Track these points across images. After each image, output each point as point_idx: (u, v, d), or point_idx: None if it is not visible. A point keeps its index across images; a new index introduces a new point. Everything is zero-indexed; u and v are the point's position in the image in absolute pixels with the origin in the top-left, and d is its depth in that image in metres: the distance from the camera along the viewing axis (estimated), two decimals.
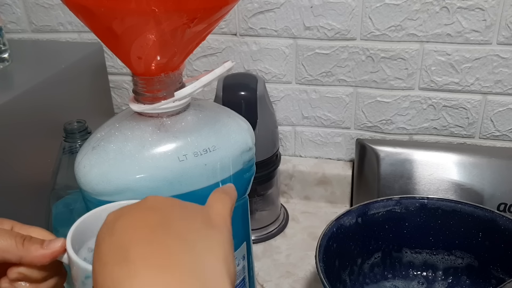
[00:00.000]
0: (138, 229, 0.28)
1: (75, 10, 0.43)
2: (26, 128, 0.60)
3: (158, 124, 0.46)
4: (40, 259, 0.36)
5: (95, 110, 0.77)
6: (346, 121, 0.83)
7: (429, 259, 0.65)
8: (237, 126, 0.49)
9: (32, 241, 0.36)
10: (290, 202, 0.85)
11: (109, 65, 0.85)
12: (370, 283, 0.64)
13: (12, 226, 0.38)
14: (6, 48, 0.67)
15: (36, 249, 0.36)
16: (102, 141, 0.45)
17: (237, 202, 0.50)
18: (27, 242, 0.36)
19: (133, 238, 0.27)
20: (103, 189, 0.44)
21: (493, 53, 0.74)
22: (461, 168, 0.74)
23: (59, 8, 0.84)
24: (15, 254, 0.35)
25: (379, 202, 0.63)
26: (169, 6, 0.40)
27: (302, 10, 0.76)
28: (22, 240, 0.36)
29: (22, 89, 0.60)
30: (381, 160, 0.76)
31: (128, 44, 0.42)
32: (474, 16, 0.72)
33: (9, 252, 0.35)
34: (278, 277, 0.69)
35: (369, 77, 0.79)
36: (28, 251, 0.35)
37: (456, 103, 0.78)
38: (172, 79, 0.45)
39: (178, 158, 0.44)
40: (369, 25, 0.75)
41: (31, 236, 0.37)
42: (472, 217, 0.62)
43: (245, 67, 0.82)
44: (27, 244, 0.36)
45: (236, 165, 0.48)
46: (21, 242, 0.36)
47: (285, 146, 0.87)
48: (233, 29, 0.80)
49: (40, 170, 0.61)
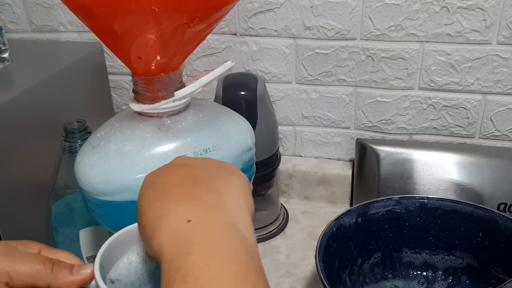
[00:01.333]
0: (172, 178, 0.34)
1: (75, 10, 0.43)
2: (26, 128, 0.60)
3: (158, 124, 0.46)
4: (69, 285, 0.35)
5: (95, 110, 0.77)
6: (346, 121, 0.83)
7: (429, 259, 0.65)
8: (237, 126, 0.49)
9: (61, 266, 0.36)
10: (290, 202, 0.85)
11: (109, 65, 0.85)
12: (370, 283, 0.64)
13: (39, 250, 0.37)
14: (6, 48, 0.67)
15: (66, 275, 0.35)
16: (102, 141, 0.45)
17: None
18: (56, 267, 0.35)
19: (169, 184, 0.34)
20: (103, 189, 0.44)
21: (493, 53, 0.74)
22: (461, 168, 0.74)
23: (59, 8, 0.84)
24: (44, 280, 0.35)
25: (379, 202, 0.63)
26: (169, 6, 0.40)
27: (302, 10, 0.76)
28: (51, 265, 0.35)
29: (22, 89, 0.60)
30: (381, 160, 0.76)
31: (128, 44, 0.42)
32: (474, 16, 0.72)
33: (38, 278, 0.35)
34: (278, 277, 0.69)
35: (369, 77, 0.79)
36: (57, 277, 0.35)
37: (456, 103, 0.78)
38: (172, 79, 0.45)
39: None
40: (369, 25, 0.75)
41: (60, 261, 0.36)
42: (472, 217, 0.62)
43: (245, 67, 0.82)
44: (56, 269, 0.35)
45: (236, 165, 0.48)
46: (50, 267, 0.35)
47: (285, 146, 0.87)
48: (233, 29, 0.80)
49: (40, 170, 0.61)
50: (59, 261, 0.36)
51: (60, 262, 0.36)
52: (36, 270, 0.35)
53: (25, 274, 0.34)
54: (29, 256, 0.35)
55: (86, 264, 0.36)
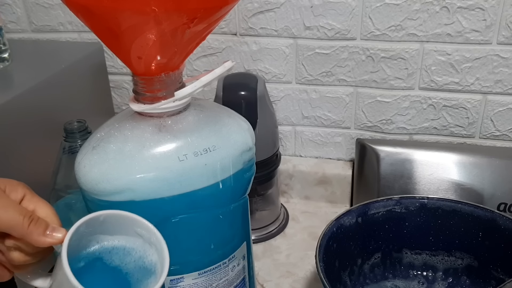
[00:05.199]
0: None
1: (75, 10, 0.43)
2: (26, 128, 0.60)
3: (158, 124, 0.46)
4: (39, 243, 0.38)
5: (95, 110, 0.77)
6: (346, 121, 0.83)
7: (429, 260, 0.65)
8: (237, 126, 0.49)
9: (37, 224, 0.38)
10: (290, 202, 0.85)
11: (109, 65, 0.85)
12: (370, 283, 0.64)
13: (24, 194, 0.40)
14: (6, 48, 0.67)
15: (39, 234, 0.38)
16: (102, 141, 0.45)
17: (237, 202, 0.50)
18: (33, 224, 0.38)
19: None
20: (103, 189, 0.44)
21: (493, 53, 0.74)
22: (461, 168, 0.74)
23: (59, 8, 0.84)
24: (18, 233, 0.37)
25: (379, 202, 0.63)
26: (169, 6, 0.40)
27: (302, 10, 0.76)
28: (29, 221, 0.37)
29: (22, 89, 0.60)
30: (381, 160, 0.76)
31: (128, 44, 0.42)
32: (474, 16, 0.72)
33: (14, 230, 0.37)
34: (278, 277, 0.69)
35: (369, 77, 0.79)
36: (31, 233, 0.37)
37: (456, 103, 0.78)
38: (172, 79, 0.45)
39: (178, 158, 0.44)
40: (369, 25, 0.75)
41: (38, 217, 0.38)
42: (472, 217, 0.62)
43: (245, 67, 0.82)
44: (32, 226, 0.37)
45: (236, 165, 0.48)
46: (27, 223, 0.37)
47: (285, 146, 0.87)
48: (233, 29, 0.80)
49: (40, 170, 0.61)
50: (37, 218, 0.38)
51: (38, 219, 0.38)
52: (15, 222, 0.37)
53: (3, 223, 0.37)
54: (13, 206, 0.38)
55: (60, 228, 0.39)
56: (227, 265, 0.51)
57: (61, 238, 0.38)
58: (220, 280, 0.51)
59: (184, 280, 0.49)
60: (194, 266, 0.49)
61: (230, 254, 0.51)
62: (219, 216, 0.48)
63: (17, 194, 0.39)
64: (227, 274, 0.51)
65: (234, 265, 0.52)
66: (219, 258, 0.50)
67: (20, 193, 0.40)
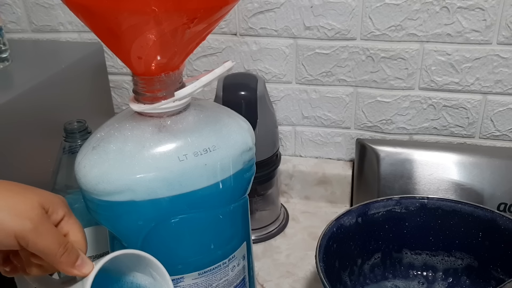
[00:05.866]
0: None
1: (75, 10, 0.43)
2: (26, 128, 0.60)
3: (158, 124, 0.46)
4: (65, 272, 0.38)
5: (95, 110, 0.77)
6: (346, 121, 0.83)
7: (429, 261, 0.65)
8: (238, 126, 0.49)
9: (70, 255, 0.38)
10: (290, 202, 0.85)
11: (109, 65, 0.85)
12: (371, 283, 0.64)
13: (63, 216, 0.39)
14: (6, 48, 0.67)
15: (68, 265, 0.38)
16: (102, 141, 0.45)
17: (237, 202, 0.50)
18: (66, 255, 0.37)
19: None
20: (103, 189, 0.44)
21: (493, 53, 0.74)
22: (461, 168, 0.74)
23: (59, 8, 0.84)
24: (50, 261, 0.37)
25: (379, 202, 0.63)
26: (169, 6, 0.40)
27: (302, 10, 0.76)
28: (63, 252, 0.37)
29: (22, 89, 0.60)
30: (381, 160, 0.76)
31: (128, 44, 0.42)
32: (474, 16, 0.72)
33: (47, 257, 0.37)
34: (278, 277, 0.69)
35: (369, 77, 0.79)
36: (61, 263, 0.37)
37: (456, 103, 0.78)
38: (172, 79, 0.45)
39: (178, 158, 0.44)
40: (369, 25, 0.75)
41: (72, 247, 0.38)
42: (472, 217, 0.62)
43: (245, 67, 0.82)
44: (65, 257, 0.37)
45: (236, 165, 0.48)
46: (61, 254, 0.37)
47: (285, 146, 0.87)
48: (233, 29, 0.80)
49: (40, 170, 0.61)
50: (71, 247, 0.38)
51: (71, 250, 0.38)
52: (51, 252, 0.37)
53: (40, 249, 0.36)
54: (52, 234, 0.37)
55: (88, 262, 0.39)
56: (227, 265, 0.51)
57: (87, 274, 0.38)
58: (220, 280, 0.51)
59: (184, 280, 0.49)
60: (194, 266, 0.49)
61: (230, 254, 0.51)
62: (219, 216, 0.48)
63: (57, 216, 0.39)
64: (227, 274, 0.51)
65: (234, 265, 0.52)
66: (219, 258, 0.50)
67: (60, 215, 0.39)
